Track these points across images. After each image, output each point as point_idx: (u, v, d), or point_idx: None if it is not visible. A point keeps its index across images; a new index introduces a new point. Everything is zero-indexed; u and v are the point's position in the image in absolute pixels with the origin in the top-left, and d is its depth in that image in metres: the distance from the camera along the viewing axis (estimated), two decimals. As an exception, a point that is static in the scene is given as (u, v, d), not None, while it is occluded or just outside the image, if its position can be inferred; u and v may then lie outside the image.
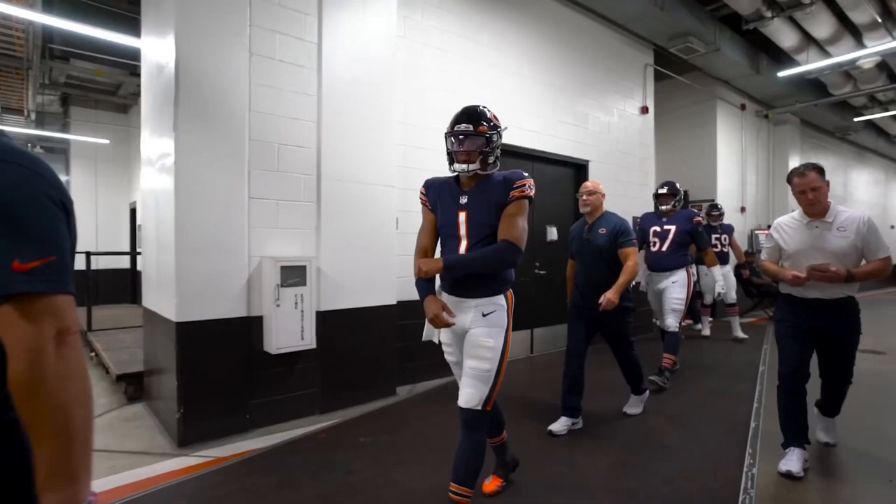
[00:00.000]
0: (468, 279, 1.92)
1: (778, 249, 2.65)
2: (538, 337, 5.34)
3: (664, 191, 4.19)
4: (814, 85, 8.54)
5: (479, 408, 1.86)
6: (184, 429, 2.86)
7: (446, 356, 2.08)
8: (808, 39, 6.71)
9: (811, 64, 6.86)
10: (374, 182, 3.60)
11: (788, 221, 2.64)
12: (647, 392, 3.37)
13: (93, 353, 5.06)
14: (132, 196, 9.58)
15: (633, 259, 3.02)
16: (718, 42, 6.56)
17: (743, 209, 8.75)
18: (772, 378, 4.15)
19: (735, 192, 8.62)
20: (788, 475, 2.41)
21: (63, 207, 0.74)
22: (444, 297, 1.98)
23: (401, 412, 3.49)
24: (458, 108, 1.99)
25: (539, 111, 5.17)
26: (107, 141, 8.72)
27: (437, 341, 2.01)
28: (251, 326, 3.09)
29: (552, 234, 5.31)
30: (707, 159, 8.36)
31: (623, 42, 6.18)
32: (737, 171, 8.75)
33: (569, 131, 5.50)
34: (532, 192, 1.92)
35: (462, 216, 1.95)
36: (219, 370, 2.98)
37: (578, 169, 5.76)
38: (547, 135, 5.25)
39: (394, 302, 3.74)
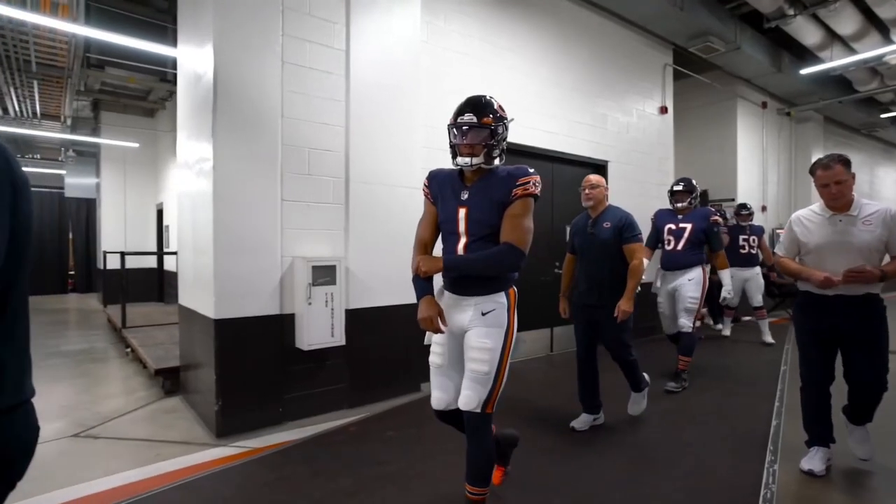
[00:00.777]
0: (468, 277, 1.85)
1: (796, 244, 2.52)
2: (557, 335, 5.40)
3: (680, 187, 4.02)
4: (838, 82, 8.42)
5: (479, 410, 1.80)
6: (222, 420, 3.01)
7: (431, 356, 1.97)
8: (833, 36, 6.63)
9: (836, 61, 6.78)
10: (399, 184, 3.72)
11: (809, 215, 2.50)
12: (646, 389, 3.21)
13: (128, 349, 5.28)
14: (159, 197, 9.87)
15: (639, 256, 2.91)
16: (739, 41, 6.53)
17: (764, 208, 8.67)
18: (794, 378, 4.16)
19: (756, 191, 8.55)
20: (810, 473, 2.44)
21: (12, 186, 0.75)
22: (446, 295, 1.93)
23: (425, 408, 3.58)
24: None
25: (558, 112, 5.23)
26: (136, 144, 9.01)
27: (434, 340, 1.95)
28: (284, 323, 3.23)
29: (572, 234, 5.35)
30: (727, 158, 8.30)
31: (642, 42, 6.20)
32: (757, 170, 8.68)
33: (587, 132, 5.54)
34: (537, 190, 1.82)
35: (462, 212, 1.86)
36: (254, 365, 3.12)
37: (598, 169, 5.79)
38: (566, 136, 5.31)
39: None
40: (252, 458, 2.74)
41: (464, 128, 1.82)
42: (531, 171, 1.83)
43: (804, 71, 7.12)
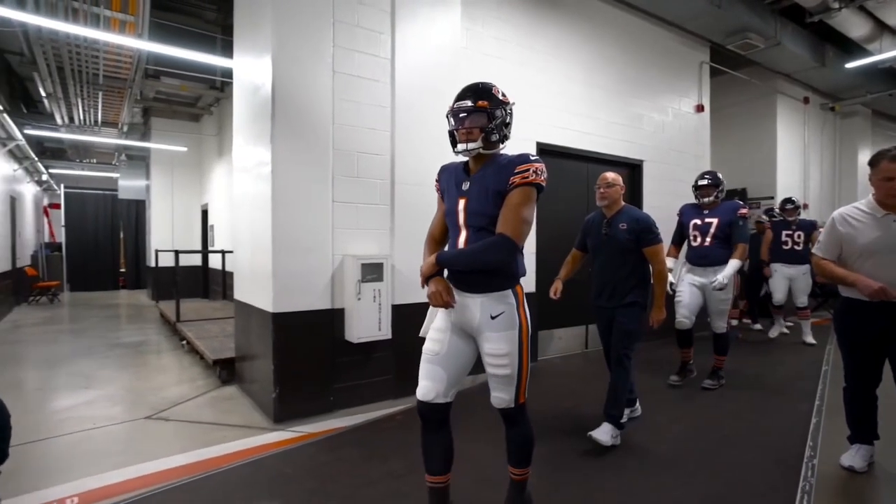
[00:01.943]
0: (469, 272, 1.77)
1: (839, 245, 2.35)
2: (593, 332, 5.46)
3: (705, 181, 3.88)
4: (887, 74, 8.14)
5: (513, 405, 1.82)
6: (279, 407, 3.24)
7: (428, 343, 1.88)
8: (882, 27, 6.44)
9: (886, 53, 6.56)
10: (440, 186, 3.88)
11: (855, 213, 2.32)
12: (621, 431, 2.84)
13: (183, 341, 5.63)
14: (203, 198, 10.36)
15: (662, 258, 2.88)
16: (780, 36, 6.42)
17: (805, 206, 8.45)
18: (835, 378, 4.14)
19: (797, 188, 8.35)
20: (851, 469, 2.46)
21: None
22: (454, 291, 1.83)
23: (467, 399, 3.73)
24: (516, 115, 1.97)
25: (593, 113, 5.30)
26: (185, 148, 9.50)
27: (431, 328, 1.90)
28: (334, 318, 3.44)
29: (607, 232, 5.41)
30: (766, 155, 8.15)
31: (678, 41, 6.18)
32: (798, 167, 8.47)
33: (623, 132, 5.59)
34: (539, 178, 1.70)
35: (461, 203, 1.79)
36: (307, 356, 3.35)
37: (633, 169, 5.83)
38: (600, 136, 5.37)
39: (458, 297, 4.01)
40: (309, 442, 2.96)
41: (461, 114, 1.77)
42: (533, 157, 1.73)
43: (850, 64, 6.92)
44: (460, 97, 1.81)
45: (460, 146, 1.78)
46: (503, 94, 1.84)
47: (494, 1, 4.52)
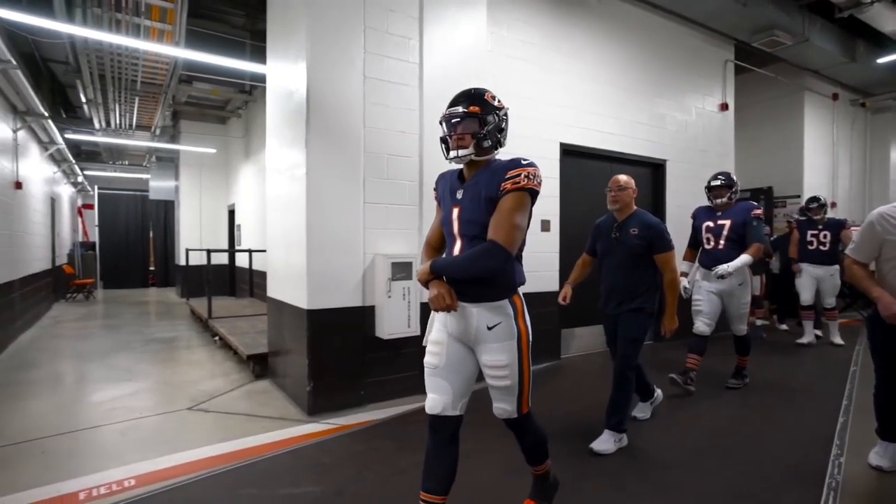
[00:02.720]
0: (464, 281, 1.71)
1: (877, 246, 2.23)
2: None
3: (718, 182, 3.75)
4: (920, 69, 7.93)
5: (516, 415, 1.80)
6: (313, 400, 3.38)
7: (427, 357, 1.83)
8: (915, 22, 6.29)
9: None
10: (466, 186, 3.97)
11: None
12: (625, 435, 2.81)
13: (216, 337, 5.84)
14: (230, 199, 10.64)
15: (673, 266, 2.80)
16: (807, 32, 6.34)
17: (833, 204, 8.32)
18: (864, 377, 4.11)
19: (825, 187, 8.22)
20: (878, 469, 2.48)
21: None
22: None
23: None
24: (538, 115, 1.96)
25: (616, 114, 5.33)
26: (213, 150, 9.78)
27: (430, 339, 1.85)
28: (365, 315, 3.57)
29: (630, 232, 5.44)
30: (792, 153, 8.04)
31: (702, 40, 6.16)
32: (826, 164, 8.34)
33: (646, 132, 5.60)
34: (532, 183, 1.64)
35: (455, 212, 1.75)
36: (340, 352, 3.48)
37: (656, 168, 5.84)
38: (624, 136, 5.40)
39: (484, 295, 4.10)
40: (342, 433, 3.09)
41: (453, 120, 1.74)
42: (525, 161, 1.67)
43: (882, 59, 6.79)
44: (453, 103, 1.77)
45: (452, 153, 1.73)
46: (498, 100, 1.79)
47: (519, 4, 4.59)
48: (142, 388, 4.12)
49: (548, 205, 4.77)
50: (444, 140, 1.78)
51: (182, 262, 10.44)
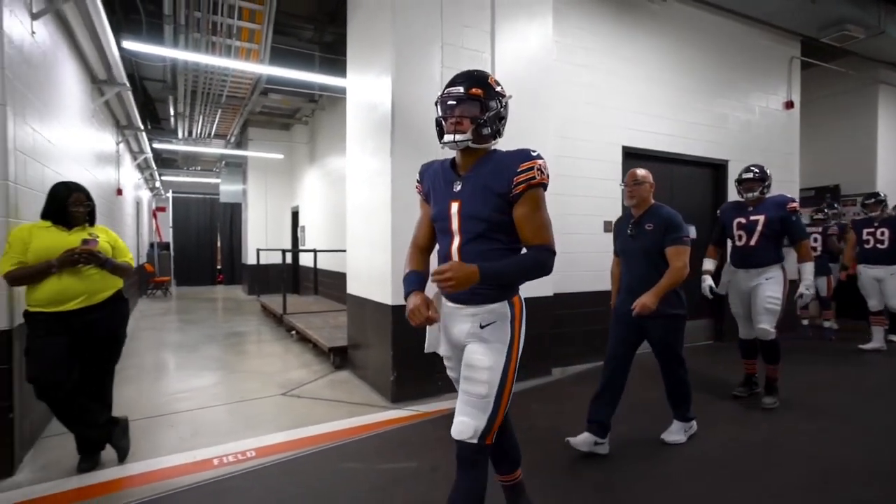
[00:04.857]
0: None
1: None
2: (676, 332, 5.54)
3: (750, 175, 3.49)
4: None
5: (475, 441, 1.53)
6: (396, 389, 3.68)
7: (448, 372, 1.79)
8: None
9: None
10: (534, 190, 4.18)
11: None
12: (694, 421, 2.87)
13: (292, 332, 6.30)
14: (294, 201, 11.26)
15: (682, 259, 2.58)
16: (883, 24, 6.10)
17: (910, 203, 7.91)
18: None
19: (900, 184, 7.83)
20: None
21: None
22: (443, 303, 1.70)
23: (560, 389, 4.04)
24: (601, 120, 1.90)
25: (677, 115, 5.38)
26: (281, 156, 10.40)
27: (441, 353, 1.78)
28: (441, 311, 3.83)
29: (691, 232, 5.45)
30: (864, 149, 7.72)
31: (766, 38, 6.07)
32: (902, 161, 7.93)
33: (706, 132, 5.61)
34: (545, 177, 1.53)
35: (454, 207, 1.60)
36: (420, 345, 3.75)
37: (716, 169, 5.83)
38: (684, 137, 5.44)
39: (551, 294, 4.30)
40: (425, 419, 3.37)
41: (450, 101, 1.59)
42: (534, 153, 1.54)
43: (966, 49, 6.43)
44: (451, 83, 1.61)
45: (447, 137, 1.57)
46: (501, 87, 1.66)
47: (582, 13, 4.75)
48: (235, 376, 4.57)
49: (610, 206, 4.89)
50: (438, 123, 1.63)
51: (250, 262, 11.15)
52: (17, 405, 2.57)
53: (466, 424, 1.54)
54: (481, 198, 1.55)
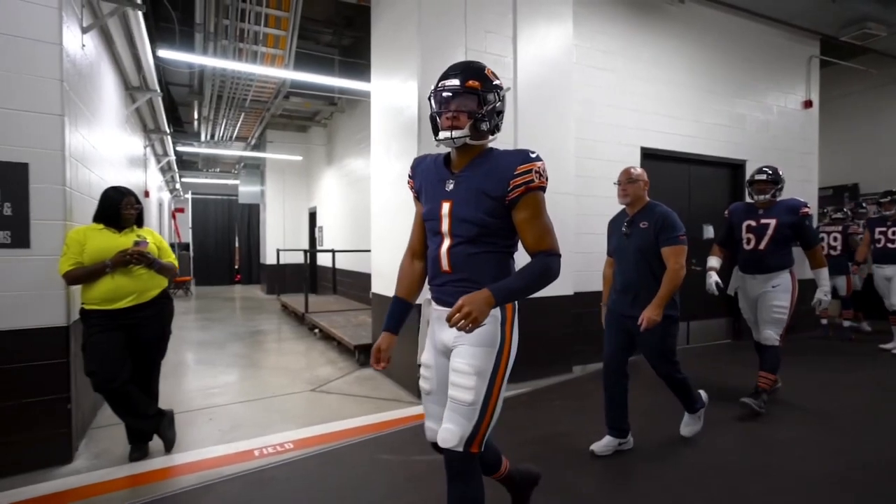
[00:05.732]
0: (456, 284, 1.50)
1: None
2: (693, 329, 5.59)
3: (763, 176, 3.38)
4: None
5: (461, 449, 1.44)
6: (422, 384, 3.79)
7: (420, 382, 1.66)
8: None
9: None
10: (556, 191, 4.26)
11: None
12: (703, 410, 2.91)
13: (315, 330, 6.45)
14: (311, 202, 11.44)
15: (679, 260, 2.52)
16: (904, 22, 6.09)
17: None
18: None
19: (921, 183, 7.77)
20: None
21: None
22: (433, 307, 1.62)
23: (580, 386, 4.13)
24: (620, 122, 1.88)
25: (695, 116, 5.43)
26: (300, 158, 10.59)
27: (421, 360, 1.67)
28: (466, 309, 3.94)
29: (708, 232, 5.52)
30: (884, 147, 7.68)
31: (785, 37, 6.09)
32: (924, 159, 7.87)
33: (725, 133, 5.65)
34: (544, 181, 1.45)
35: (446, 207, 1.50)
36: (444, 342, 3.87)
37: (734, 169, 5.86)
38: (702, 138, 5.48)
39: (571, 293, 4.39)
40: (452, 414, 3.47)
41: (445, 94, 1.49)
42: (533, 155, 1.45)
43: None
44: (446, 75, 1.51)
45: (443, 134, 1.48)
46: (498, 78, 1.56)
47: (600, 17, 4.82)
48: (263, 372, 4.72)
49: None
50: (433, 118, 1.54)
51: (268, 262, 11.36)
52: (74, 397, 2.73)
53: (451, 432, 1.44)
54: (474, 200, 1.47)
